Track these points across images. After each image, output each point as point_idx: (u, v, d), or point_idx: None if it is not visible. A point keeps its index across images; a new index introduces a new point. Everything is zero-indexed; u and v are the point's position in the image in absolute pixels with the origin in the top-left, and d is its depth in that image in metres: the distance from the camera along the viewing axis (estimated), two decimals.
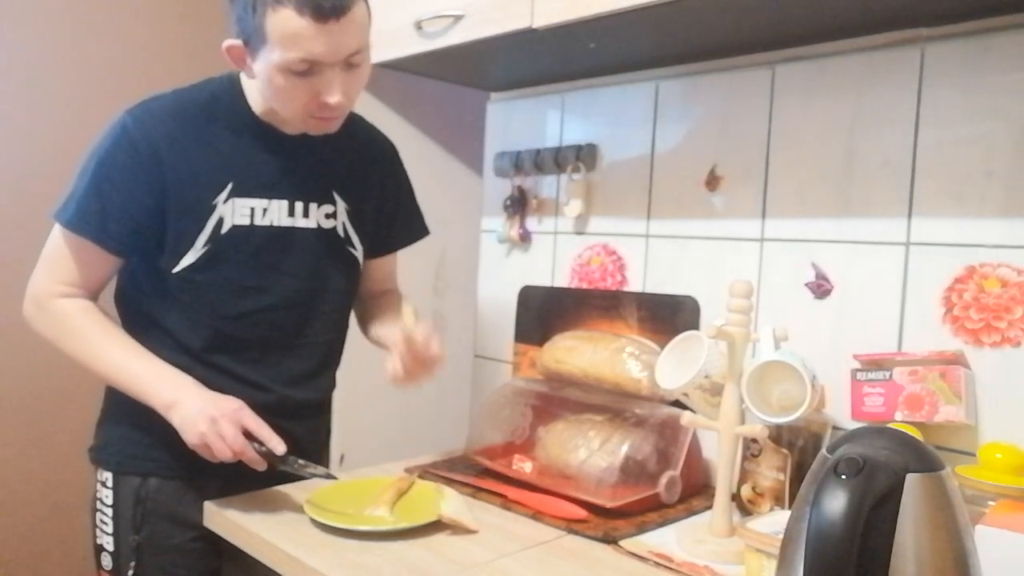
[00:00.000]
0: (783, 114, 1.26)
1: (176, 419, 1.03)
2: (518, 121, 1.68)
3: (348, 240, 1.21)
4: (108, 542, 1.14)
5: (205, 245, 1.08)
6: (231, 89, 1.11)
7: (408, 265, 1.35)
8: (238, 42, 1.02)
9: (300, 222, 1.15)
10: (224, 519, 1.09)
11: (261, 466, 1.04)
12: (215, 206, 1.08)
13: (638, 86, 1.46)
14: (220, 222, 1.08)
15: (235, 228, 1.09)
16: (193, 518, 1.13)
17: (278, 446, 1.03)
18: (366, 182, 1.24)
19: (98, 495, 1.15)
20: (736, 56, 1.31)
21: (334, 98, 1.01)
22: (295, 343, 1.17)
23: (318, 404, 1.26)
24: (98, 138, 1.08)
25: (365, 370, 1.35)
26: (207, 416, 1.01)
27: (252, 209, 1.10)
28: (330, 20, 0.95)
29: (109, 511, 1.13)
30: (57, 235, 1.09)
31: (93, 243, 1.06)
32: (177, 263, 1.08)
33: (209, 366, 1.11)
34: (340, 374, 1.29)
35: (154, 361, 1.07)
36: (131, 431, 1.13)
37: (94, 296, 1.12)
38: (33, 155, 1.77)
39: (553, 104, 1.61)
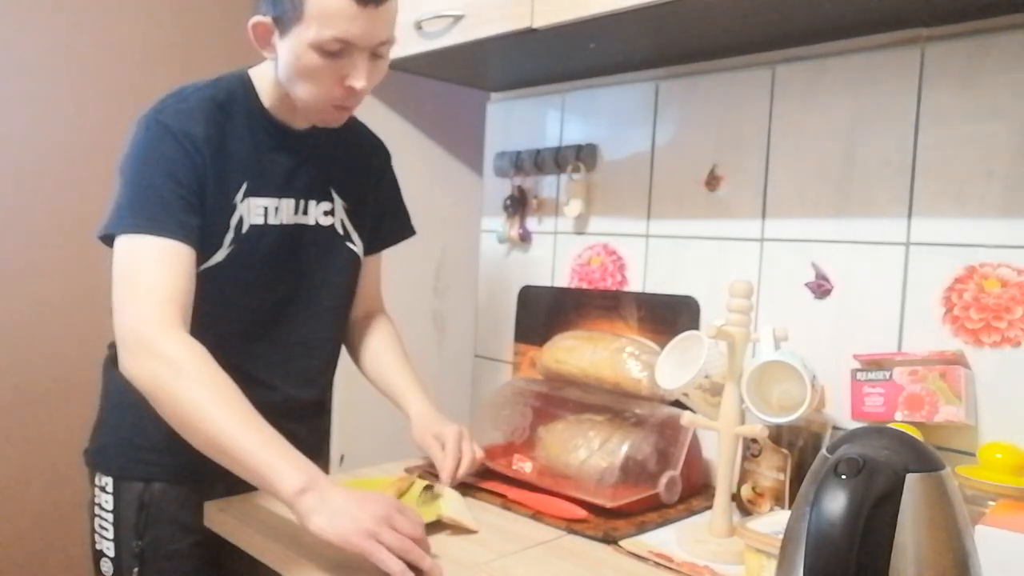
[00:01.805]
0: (783, 114, 1.26)
1: (308, 505, 0.86)
2: (518, 121, 1.68)
3: (348, 236, 1.22)
4: (108, 548, 1.12)
5: (231, 244, 1.08)
6: (243, 86, 1.11)
7: (408, 265, 1.35)
8: (267, 19, 1.02)
9: (302, 219, 1.16)
10: (224, 519, 1.09)
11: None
12: (235, 205, 1.08)
13: (638, 86, 1.46)
14: (241, 220, 1.09)
15: (252, 227, 1.10)
16: (197, 523, 1.12)
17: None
18: (362, 180, 1.25)
19: (97, 500, 1.14)
20: (736, 56, 1.31)
21: (360, 83, 1.01)
22: (300, 339, 1.18)
23: (318, 404, 1.27)
24: (134, 146, 1.03)
25: None
26: (372, 513, 0.86)
27: (265, 208, 1.11)
28: (369, 5, 0.97)
29: (109, 516, 1.12)
30: (124, 257, 0.98)
31: (171, 240, 0.98)
32: (205, 261, 1.06)
33: (223, 365, 1.10)
34: (340, 374, 1.29)
35: (279, 440, 0.91)
36: (132, 435, 1.12)
37: (188, 313, 0.98)
38: (33, 156, 1.77)
39: (553, 104, 1.61)
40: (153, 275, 0.96)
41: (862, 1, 1.02)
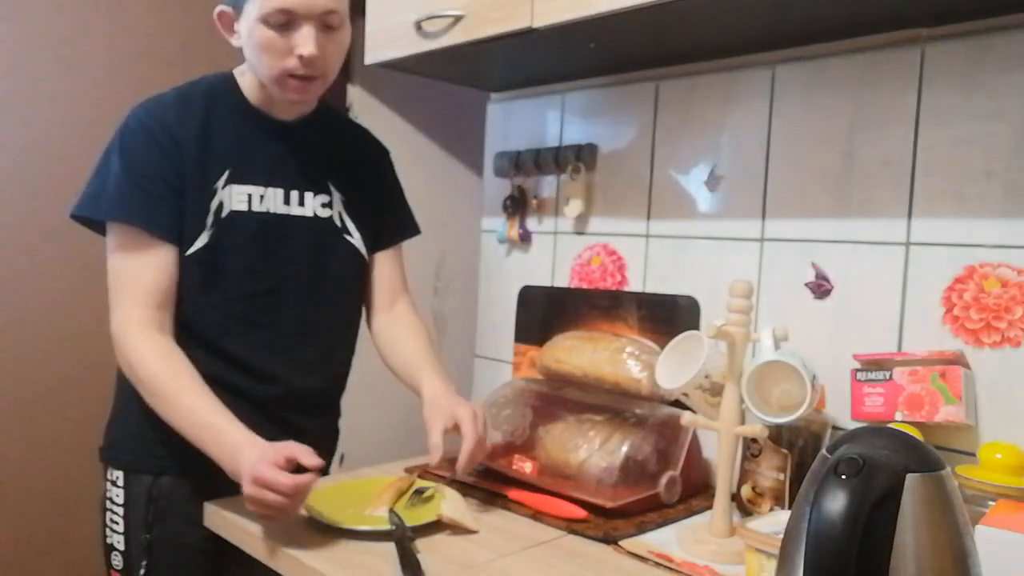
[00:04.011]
0: (783, 114, 1.26)
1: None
2: (518, 121, 1.68)
3: (345, 229, 1.24)
4: (119, 541, 1.14)
5: (211, 227, 1.11)
6: (226, 82, 1.16)
7: (408, 265, 1.35)
8: (228, 8, 1.11)
9: (296, 210, 1.18)
10: (224, 519, 1.09)
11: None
12: (215, 190, 1.11)
13: (638, 86, 1.46)
14: (221, 206, 1.11)
15: (233, 213, 1.12)
16: None
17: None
18: (359, 174, 1.27)
19: (108, 494, 1.15)
20: (736, 56, 1.31)
21: (307, 49, 1.05)
22: (300, 329, 1.19)
23: (325, 397, 1.27)
24: (112, 139, 1.11)
25: (365, 370, 1.35)
26: (247, 481, 0.95)
27: (249, 196, 1.14)
28: None
29: (120, 510, 1.13)
30: (115, 254, 1.09)
31: (145, 231, 1.07)
32: (192, 244, 1.10)
33: (221, 356, 1.12)
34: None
35: (220, 422, 1.01)
36: (142, 429, 1.14)
37: (169, 309, 1.09)
38: (32, 156, 1.77)
39: (553, 104, 1.61)
40: (136, 277, 1.07)
41: (862, 1, 1.02)
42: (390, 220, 1.32)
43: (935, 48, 1.10)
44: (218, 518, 1.10)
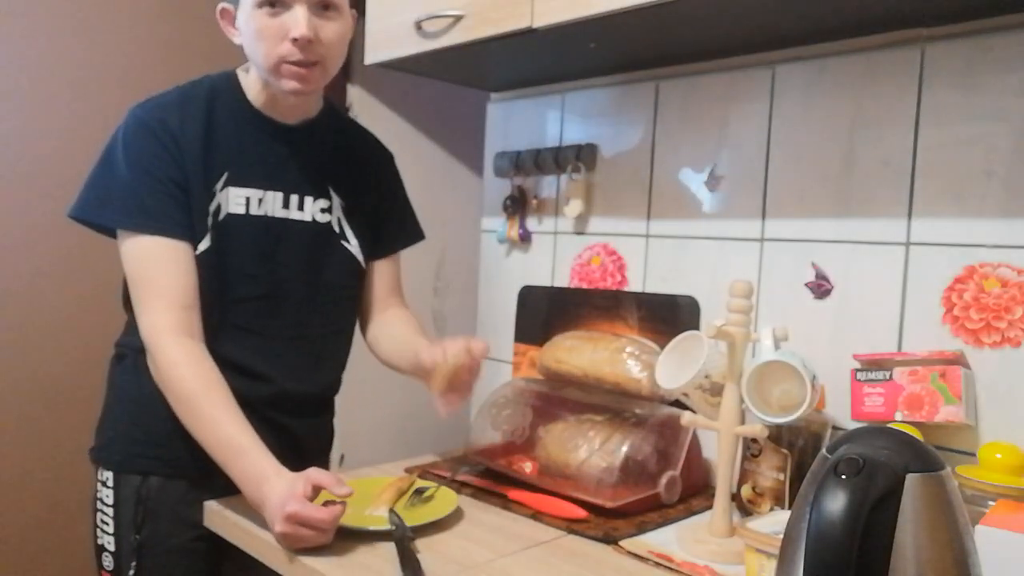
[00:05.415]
0: (783, 114, 1.26)
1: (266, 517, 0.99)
2: (518, 121, 1.68)
3: (343, 235, 1.23)
4: (109, 542, 1.13)
5: (211, 230, 1.10)
6: (228, 82, 1.15)
7: (408, 265, 1.35)
8: (229, 5, 1.11)
9: (294, 214, 1.17)
10: (224, 519, 1.09)
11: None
12: (214, 193, 1.10)
13: (638, 86, 1.46)
14: (219, 209, 1.11)
15: (230, 216, 1.11)
16: (195, 518, 1.13)
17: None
18: (361, 180, 1.25)
19: (98, 495, 1.15)
20: (736, 56, 1.31)
21: (298, 30, 1.04)
22: (293, 335, 1.18)
23: (318, 401, 1.27)
24: (114, 140, 1.09)
25: (365, 370, 1.35)
26: (280, 519, 0.95)
27: (248, 199, 1.13)
28: None
29: (110, 511, 1.13)
30: (133, 259, 1.07)
31: (171, 239, 1.06)
32: (196, 247, 1.09)
33: (217, 358, 1.11)
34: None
35: (245, 443, 1.00)
36: (132, 430, 1.14)
37: (196, 308, 1.08)
38: (33, 154, 1.77)
39: (553, 104, 1.61)
40: (160, 280, 1.06)
41: (862, 1, 1.02)
42: (390, 227, 1.31)
43: (935, 48, 1.10)
44: (218, 517, 1.10)
